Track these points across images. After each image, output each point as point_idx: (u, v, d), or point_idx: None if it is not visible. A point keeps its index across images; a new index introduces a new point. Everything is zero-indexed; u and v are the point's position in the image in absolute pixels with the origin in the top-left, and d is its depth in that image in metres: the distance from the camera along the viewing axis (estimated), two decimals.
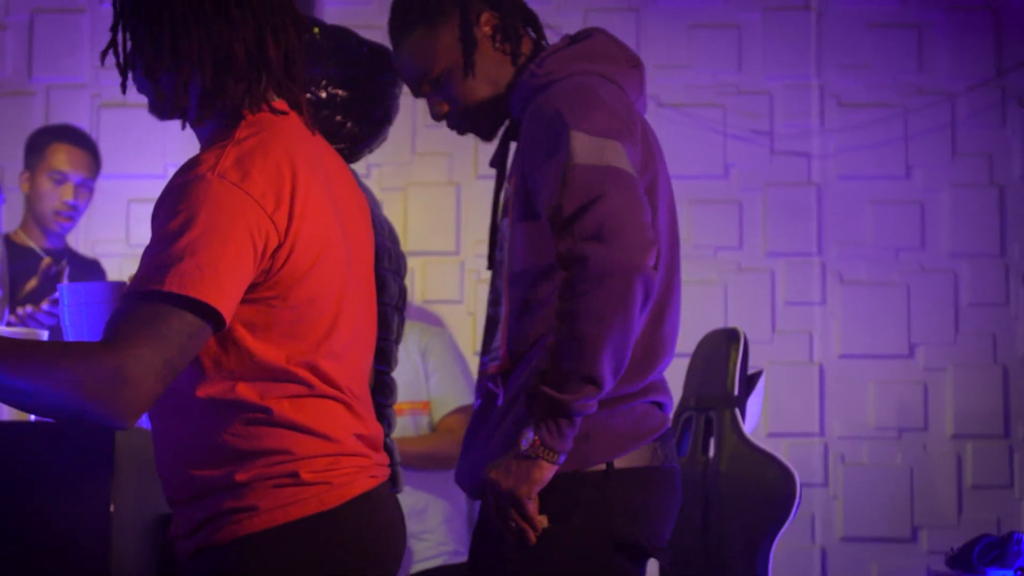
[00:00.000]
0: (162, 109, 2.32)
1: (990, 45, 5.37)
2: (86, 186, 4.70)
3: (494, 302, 2.85)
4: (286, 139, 2.31)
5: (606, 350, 2.54)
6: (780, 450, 5.00)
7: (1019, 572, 4.06)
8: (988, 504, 5.10)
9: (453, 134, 3.27)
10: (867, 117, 5.37)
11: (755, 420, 4.11)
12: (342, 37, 3.22)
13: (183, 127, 2.40)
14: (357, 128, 3.20)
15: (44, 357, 2.14)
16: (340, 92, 3.20)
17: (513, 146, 2.98)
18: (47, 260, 4.23)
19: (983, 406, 5.27)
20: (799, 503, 4.05)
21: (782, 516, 3.94)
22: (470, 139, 3.44)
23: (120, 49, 2.32)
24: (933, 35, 5.39)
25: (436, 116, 2.96)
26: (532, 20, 2.96)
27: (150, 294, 2.09)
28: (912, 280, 5.30)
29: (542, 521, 2.69)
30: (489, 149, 3.20)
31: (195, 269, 2.10)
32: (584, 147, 2.61)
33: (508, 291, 2.79)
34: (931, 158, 5.34)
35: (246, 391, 2.32)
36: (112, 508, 3.16)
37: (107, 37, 2.67)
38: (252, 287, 2.24)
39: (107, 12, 5.15)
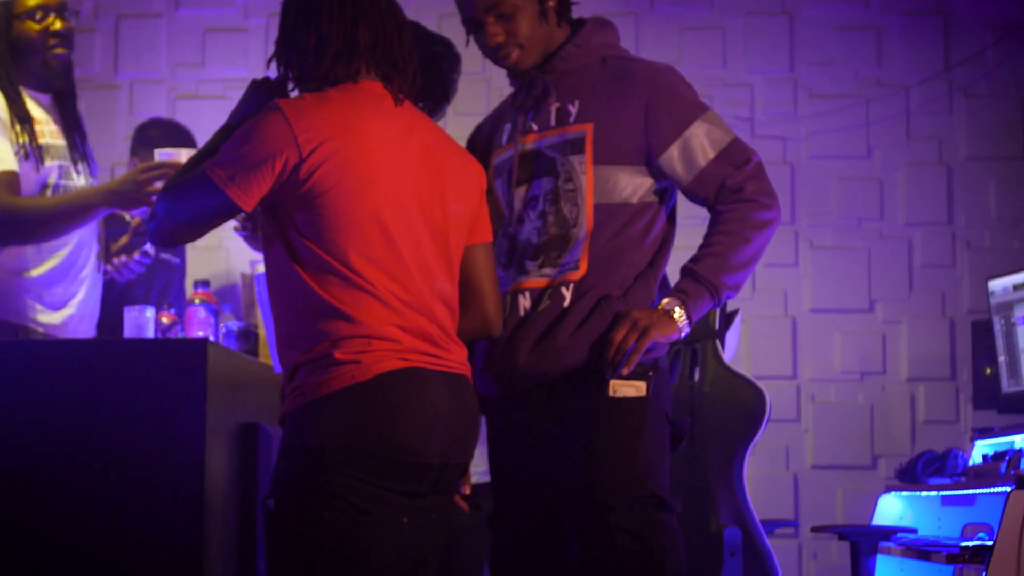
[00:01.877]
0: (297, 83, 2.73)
1: (939, 44, 5.52)
2: None
3: (559, 223, 2.87)
4: (355, 98, 2.65)
5: (756, 263, 2.84)
6: (767, 392, 5.00)
7: (954, 478, 4.28)
8: (937, 436, 5.22)
9: (471, 123, 3.44)
10: (834, 106, 5.52)
11: (733, 350, 4.33)
12: (416, 29, 3.50)
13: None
14: (421, 104, 3.47)
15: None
16: None
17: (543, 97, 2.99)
18: (136, 220, 4.25)
19: (933, 353, 5.43)
20: (768, 418, 4.29)
21: (754, 428, 4.19)
22: None
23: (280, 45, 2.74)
24: (890, 36, 5.54)
25: (492, 42, 2.92)
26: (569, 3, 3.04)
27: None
28: (872, 245, 5.46)
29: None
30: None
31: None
32: (715, 116, 2.84)
33: (593, 216, 2.85)
34: (888, 141, 5.50)
35: (307, 280, 2.64)
36: (207, 417, 3.40)
37: (181, 39, 3.03)
38: (295, 191, 2.62)
39: (181, 17, 5.51)
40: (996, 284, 4.52)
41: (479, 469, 4.53)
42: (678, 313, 2.75)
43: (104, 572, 3.39)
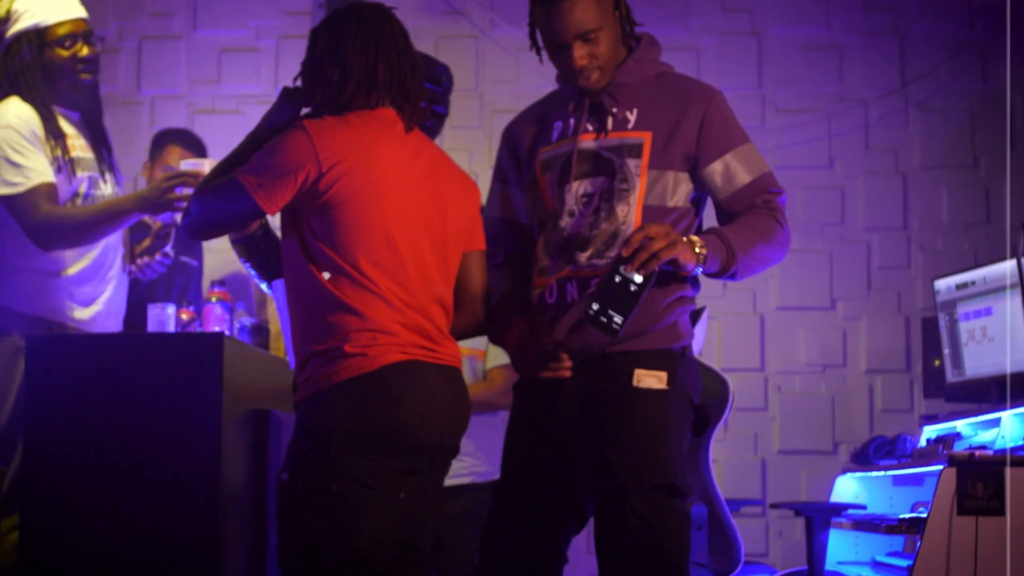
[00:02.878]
0: (317, 113, 2.86)
1: (895, 63, 5.56)
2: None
3: (611, 219, 2.87)
4: (371, 123, 2.83)
5: (762, 267, 2.87)
6: (730, 381, 4.94)
7: (902, 460, 4.38)
8: (893, 424, 5.25)
9: (474, 134, 3.50)
10: (798, 120, 5.56)
11: (700, 344, 4.38)
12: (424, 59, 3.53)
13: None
14: (429, 122, 3.51)
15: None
16: None
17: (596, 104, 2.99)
18: (158, 224, 4.29)
19: (890, 347, 5.45)
20: (732, 405, 4.38)
21: (719, 414, 4.27)
22: (485, 138, 3.61)
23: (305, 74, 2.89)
24: (850, 55, 5.59)
25: (577, 64, 2.92)
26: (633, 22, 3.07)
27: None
28: (834, 248, 5.50)
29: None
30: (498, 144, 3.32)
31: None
32: (756, 149, 2.94)
33: (642, 216, 2.86)
34: (849, 152, 5.54)
35: (320, 277, 2.78)
36: (223, 403, 3.49)
37: (199, 58, 3.13)
38: (314, 201, 2.77)
39: (199, 38, 5.60)
40: (941, 284, 4.56)
41: (481, 469, 4.37)
42: (702, 253, 2.77)
43: (130, 539, 3.44)
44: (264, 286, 3.60)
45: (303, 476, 2.80)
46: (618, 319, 2.68)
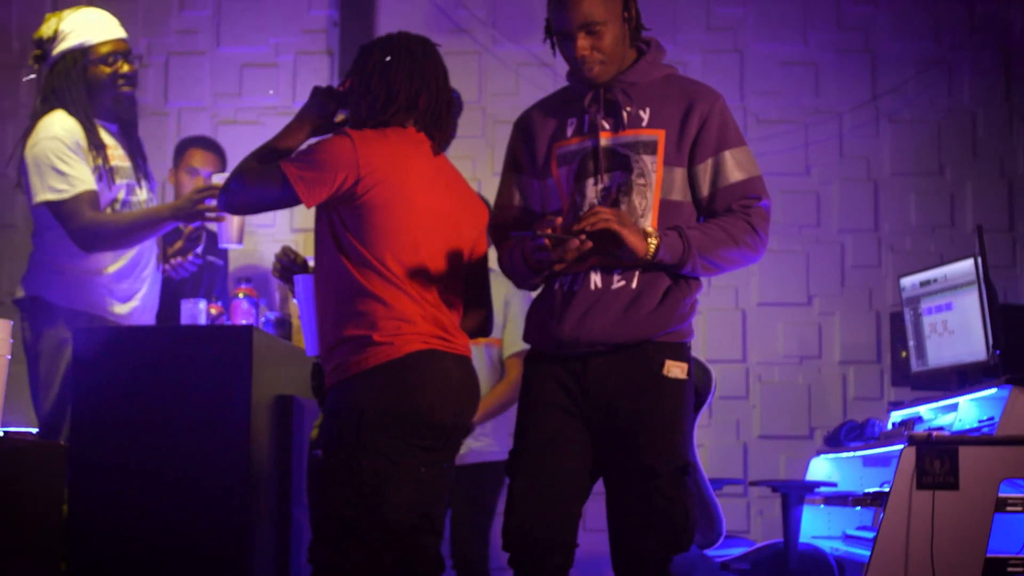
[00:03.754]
0: (356, 122, 3.01)
1: (868, 77, 5.55)
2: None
3: (630, 212, 2.85)
4: (404, 140, 2.99)
5: (728, 268, 2.87)
6: (715, 372, 4.88)
7: (871, 441, 4.40)
8: (864, 410, 5.23)
9: (477, 144, 3.47)
10: (777, 130, 5.55)
11: None
12: None
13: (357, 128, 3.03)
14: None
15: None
16: None
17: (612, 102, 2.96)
18: (190, 228, 4.35)
19: (861, 340, 5.45)
20: (714, 392, 4.35)
21: (703, 400, 4.22)
22: (487, 147, 3.53)
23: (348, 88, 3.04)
24: (826, 70, 5.57)
25: (579, 54, 2.90)
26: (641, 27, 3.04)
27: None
28: (810, 249, 5.50)
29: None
30: (500, 152, 3.36)
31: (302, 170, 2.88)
32: (751, 155, 2.95)
33: (659, 209, 2.87)
34: (824, 160, 5.54)
35: (351, 270, 2.92)
36: (252, 390, 3.59)
37: (222, 73, 3.20)
38: (350, 202, 2.90)
39: (222, 54, 5.59)
40: (906, 281, 4.59)
41: (492, 448, 4.41)
42: (653, 242, 2.78)
43: (167, 512, 3.53)
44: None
45: (336, 452, 2.92)
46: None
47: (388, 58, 3.01)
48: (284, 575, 3.87)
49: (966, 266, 4.22)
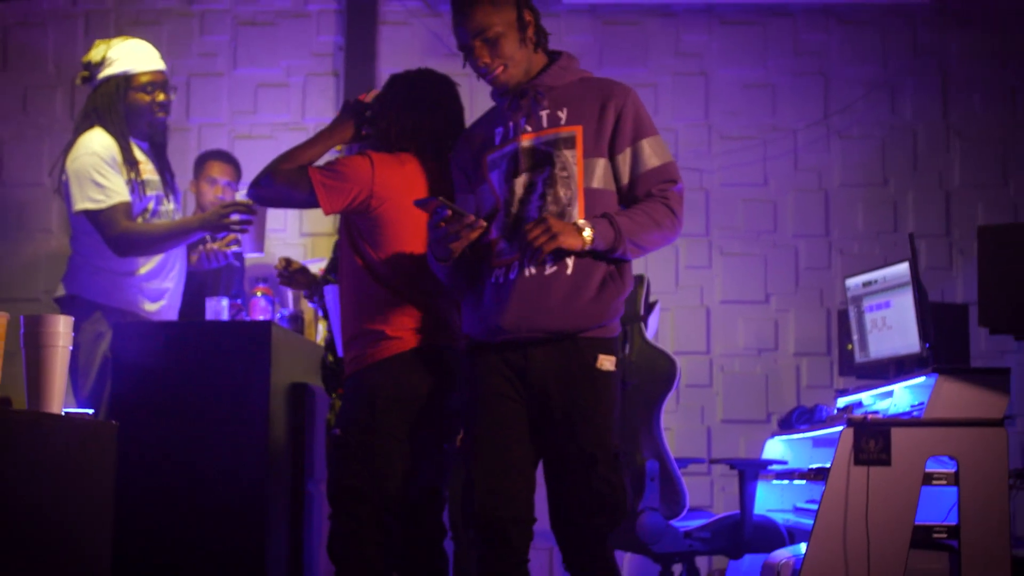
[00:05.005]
0: (376, 145, 3.11)
1: (820, 98, 5.62)
2: (231, 187, 4.89)
3: (556, 202, 2.83)
4: (415, 165, 3.10)
5: (653, 247, 2.85)
6: (681, 363, 5.00)
7: (818, 424, 4.38)
8: (815, 397, 5.30)
9: None
10: (739, 146, 5.62)
11: (654, 330, 4.39)
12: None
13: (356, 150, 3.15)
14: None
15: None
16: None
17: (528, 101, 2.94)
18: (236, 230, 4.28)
19: (813, 334, 5.53)
20: (679, 380, 4.44)
21: (669, 387, 4.33)
22: None
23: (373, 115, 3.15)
24: (783, 92, 5.64)
25: (480, 62, 2.89)
26: (545, 33, 3.00)
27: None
28: (767, 252, 5.57)
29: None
30: None
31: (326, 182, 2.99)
32: (664, 143, 2.91)
33: (585, 199, 2.84)
34: (780, 172, 5.61)
35: (366, 272, 3.05)
36: (271, 378, 3.71)
37: (239, 92, 3.49)
38: (364, 215, 3.00)
39: (239, 75, 5.59)
40: (851, 282, 4.55)
41: None
42: (587, 233, 2.76)
43: (192, 487, 3.65)
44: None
45: (352, 432, 3.04)
46: None
47: (406, 94, 3.14)
48: (298, 543, 3.96)
49: (902, 269, 4.23)
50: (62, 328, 2.52)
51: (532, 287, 2.81)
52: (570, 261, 2.80)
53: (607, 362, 2.82)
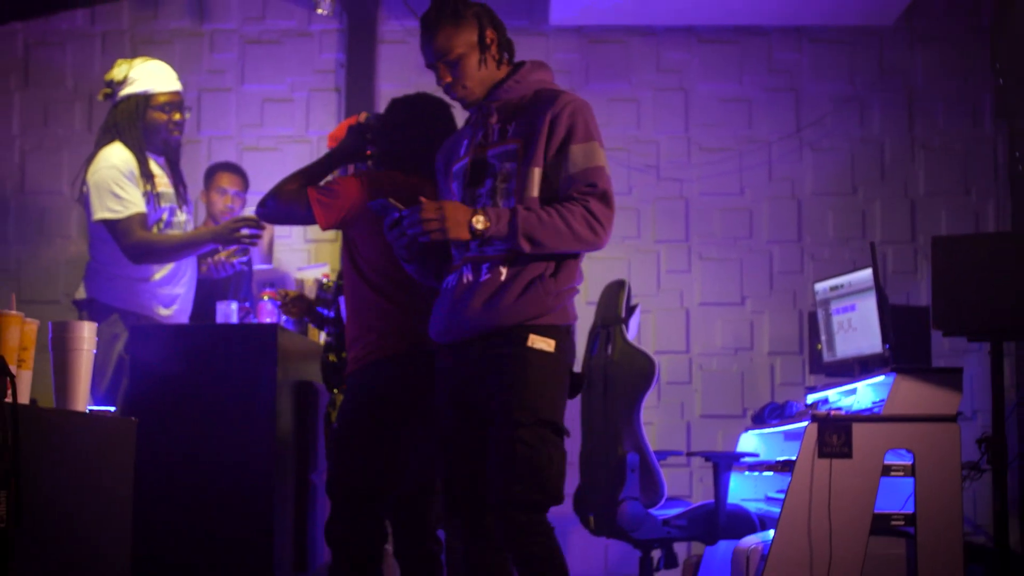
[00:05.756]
0: (377, 165, 3.18)
1: (792, 112, 5.67)
2: (239, 197, 4.97)
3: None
4: (404, 183, 3.14)
5: (560, 244, 2.73)
6: (662, 362, 5.20)
7: (788, 419, 4.42)
8: (787, 394, 5.39)
9: None
10: (717, 157, 5.65)
11: (634, 331, 4.45)
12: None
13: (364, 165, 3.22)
14: None
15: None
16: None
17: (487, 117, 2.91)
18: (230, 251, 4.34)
19: (786, 335, 5.58)
20: (658, 378, 4.47)
21: (648, 384, 4.36)
22: None
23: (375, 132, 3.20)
24: (758, 106, 5.68)
25: (442, 83, 2.88)
26: (510, 43, 2.97)
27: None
28: (744, 257, 5.62)
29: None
30: None
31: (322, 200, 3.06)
32: (600, 153, 2.80)
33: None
34: (755, 182, 5.65)
35: (361, 281, 3.13)
36: (277, 376, 3.75)
37: (246, 106, 3.77)
38: (358, 229, 3.06)
39: (246, 91, 5.63)
40: (819, 286, 4.59)
41: None
42: (480, 225, 2.72)
43: (204, 477, 3.69)
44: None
45: (349, 425, 3.13)
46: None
47: (404, 117, 3.23)
48: (301, 529, 4.04)
49: (866, 274, 4.28)
50: (87, 333, 2.61)
51: (464, 293, 2.80)
52: (504, 269, 2.77)
53: (540, 342, 2.74)
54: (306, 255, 5.63)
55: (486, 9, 2.91)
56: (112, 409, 2.86)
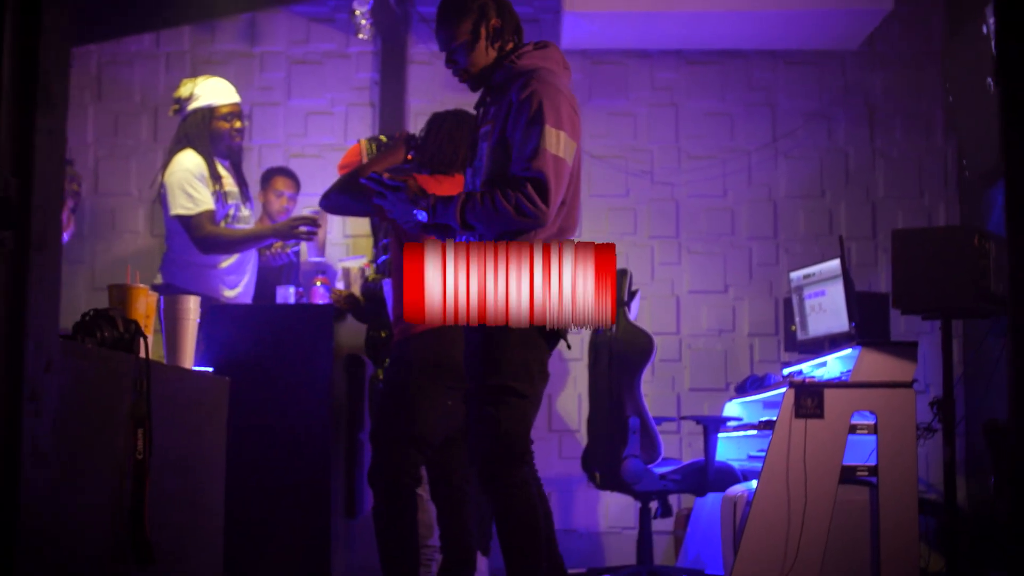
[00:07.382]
0: (419, 168, 3.30)
1: (768, 124, 5.73)
2: (293, 199, 5.05)
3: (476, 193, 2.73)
4: (447, 180, 3.27)
5: (493, 226, 2.64)
6: (656, 341, 4.96)
7: (766, 389, 4.61)
8: (765, 369, 5.46)
9: None
10: (704, 164, 5.71)
11: (635, 313, 4.60)
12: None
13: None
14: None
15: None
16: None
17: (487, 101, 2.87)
18: (288, 246, 4.53)
19: (764, 318, 5.64)
20: (655, 354, 4.58)
21: (647, 358, 4.51)
22: None
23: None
24: (739, 119, 5.73)
25: (449, 67, 2.84)
26: (519, 29, 2.85)
27: None
28: (727, 251, 5.67)
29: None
30: None
31: None
32: (549, 136, 2.61)
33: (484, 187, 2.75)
34: (737, 186, 5.71)
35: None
36: (333, 350, 3.83)
37: (292, 118, 4.03)
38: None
39: (292, 105, 5.67)
40: (794, 274, 4.72)
41: None
42: (422, 216, 2.71)
43: (269, 441, 3.78)
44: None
45: (393, 387, 3.30)
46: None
47: (440, 128, 3.40)
48: (351, 478, 4.17)
49: (834, 264, 4.40)
50: (192, 304, 2.84)
51: None
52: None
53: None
54: (345, 248, 5.73)
55: None
56: (211, 369, 3.05)
